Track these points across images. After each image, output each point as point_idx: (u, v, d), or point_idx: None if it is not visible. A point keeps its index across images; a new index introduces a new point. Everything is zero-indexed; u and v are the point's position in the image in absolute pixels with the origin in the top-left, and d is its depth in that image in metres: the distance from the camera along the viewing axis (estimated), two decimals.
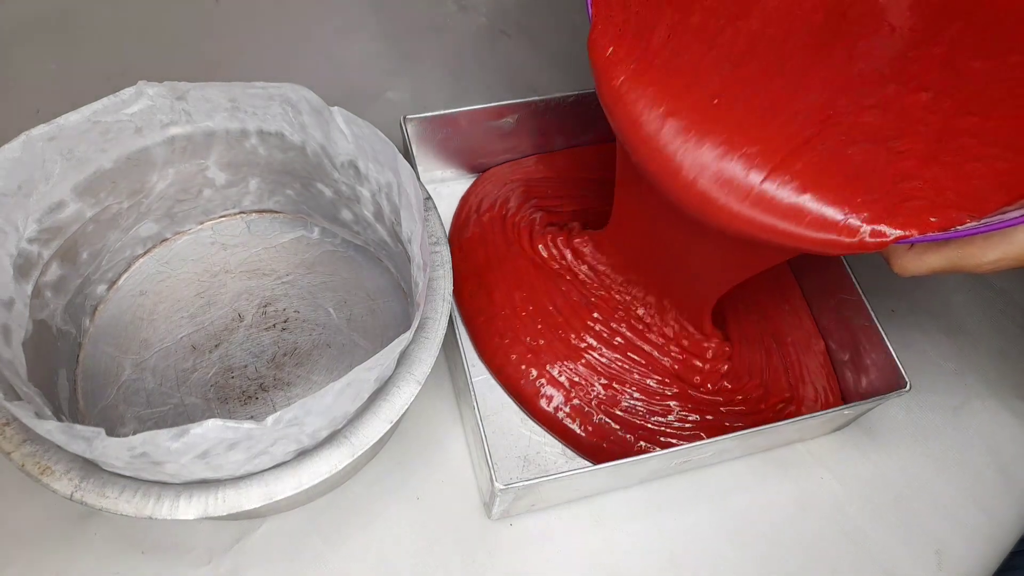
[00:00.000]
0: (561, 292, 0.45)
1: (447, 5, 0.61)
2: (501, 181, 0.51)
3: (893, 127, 0.30)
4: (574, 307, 0.45)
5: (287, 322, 0.43)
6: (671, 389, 0.43)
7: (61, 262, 0.38)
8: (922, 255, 0.31)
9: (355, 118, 0.37)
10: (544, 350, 0.43)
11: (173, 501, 0.30)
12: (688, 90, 0.31)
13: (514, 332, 0.44)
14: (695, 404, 0.43)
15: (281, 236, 0.46)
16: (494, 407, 0.44)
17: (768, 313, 0.47)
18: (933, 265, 0.30)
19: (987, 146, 0.29)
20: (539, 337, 0.44)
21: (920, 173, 0.29)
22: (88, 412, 0.40)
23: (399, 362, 0.34)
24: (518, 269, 0.46)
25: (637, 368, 0.44)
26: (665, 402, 0.43)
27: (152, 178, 0.40)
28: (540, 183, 0.51)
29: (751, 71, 0.31)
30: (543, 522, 0.41)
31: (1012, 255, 0.28)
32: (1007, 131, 0.29)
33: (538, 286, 0.45)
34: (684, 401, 0.43)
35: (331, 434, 0.32)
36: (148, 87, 0.37)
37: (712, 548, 0.41)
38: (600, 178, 0.51)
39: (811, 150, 0.30)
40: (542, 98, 0.48)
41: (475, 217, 0.49)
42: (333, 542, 0.39)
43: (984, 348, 0.49)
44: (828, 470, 0.44)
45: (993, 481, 0.44)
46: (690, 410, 0.43)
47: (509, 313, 0.44)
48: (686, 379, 0.44)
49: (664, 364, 0.44)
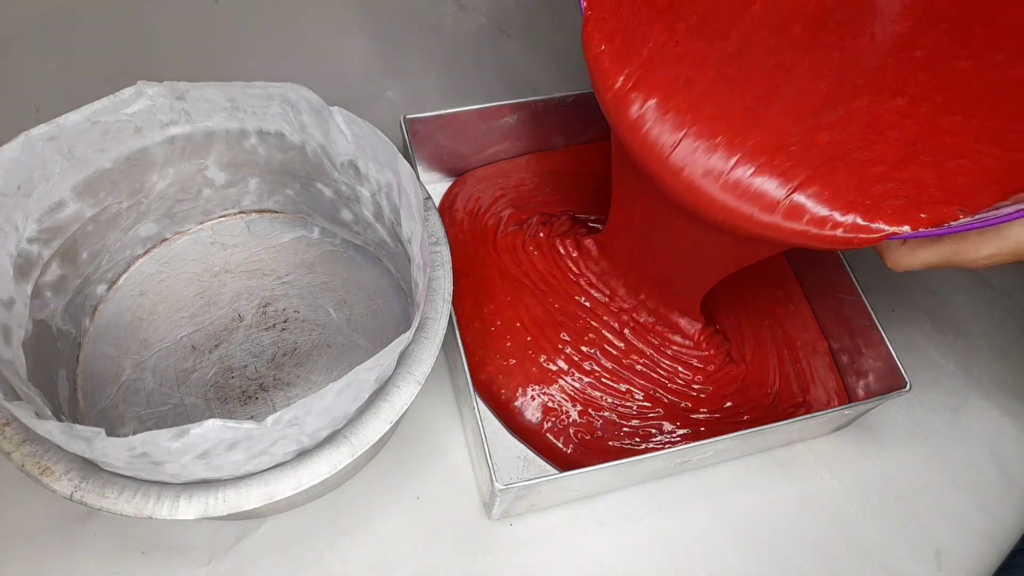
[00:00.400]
0: (530, 305, 0.45)
1: (447, 5, 0.61)
2: (476, 183, 0.51)
3: (861, 139, 0.30)
4: (542, 326, 0.45)
5: (287, 322, 0.43)
6: (655, 411, 0.43)
7: (61, 262, 0.38)
8: (915, 250, 0.31)
9: (355, 118, 0.37)
10: (515, 371, 0.43)
11: (173, 501, 0.30)
12: (680, 84, 0.32)
13: (484, 348, 0.44)
14: (687, 424, 0.43)
15: (281, 236, 0.46)
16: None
17: (778, 318, 0.47)
18: (927, 260, 0.30)
19: (971, 143, 0.29)
20: (509, 356, 0.43)
21: (894, 176, 0.29)
22: (88, 412, 0.40)
23: (399, 362, 0.34)
24: (486, 279, 0.46)
25: (618, 388, 0.44)
26: (657, 422, 0.43)
27: (152, 178, 0.40)
28: (515, 187, 0.51)
29: (739, 70, 0.32)
30: (543, 522, 0.41)
31: (1007, 250, 0.29)
32: (993, 128, 0.29)
33: (508, 298, 0.45)
34: (674, 420, 0.43)
35: (331, 434, 0.32)
36: (148, 87, 0.37)
37: (712, 548, 0.41)
38: (579, 172, 0.51)
39: (801, 150, 0.30)
40: (542, 98, 0.48)
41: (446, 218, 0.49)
42: (333, 542, 0.39)
43: (984, 348, 0.49)
44: (828, 470, 0.44)
45: (993, 481, 0.44)
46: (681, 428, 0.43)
47: (479, 327, 0.44)
48: (678, 403, 0.43)
49: (654, 385, 0.44)
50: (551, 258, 0.46)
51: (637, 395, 0.43)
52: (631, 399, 0.43)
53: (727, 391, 0.44)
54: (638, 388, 0.43)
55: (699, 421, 0.43)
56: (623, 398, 0.43)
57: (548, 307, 0.45)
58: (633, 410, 0.43)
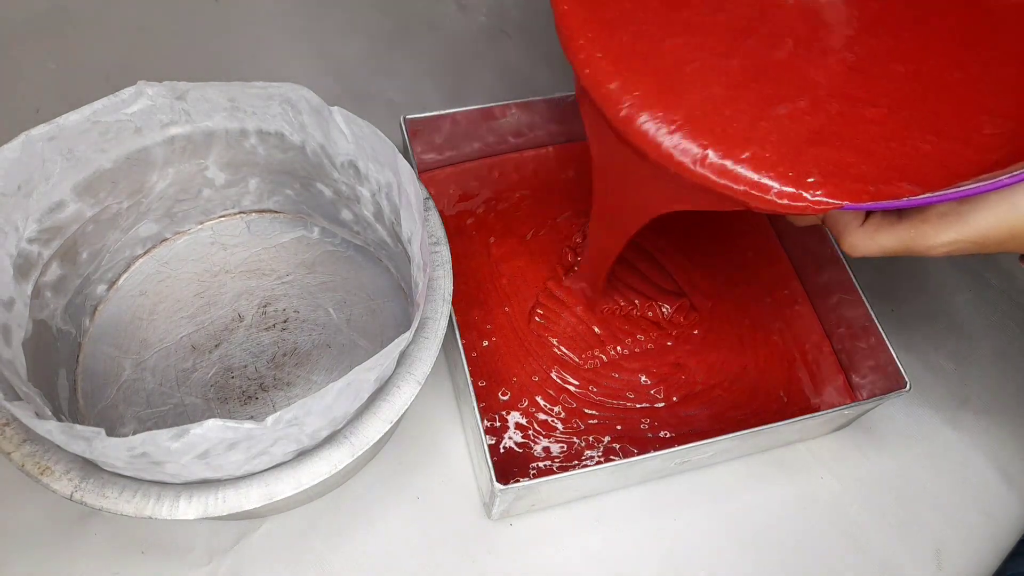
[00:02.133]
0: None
1: (447, 5, 0.61)
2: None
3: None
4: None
5: (287, 322, 0.43)
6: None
7: (61, 262, 0.38)
8: (874, 235, 0.30)
9: (355, 118, 0.37)
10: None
11: (173, 501, 0.30)
12: (649, 60, 0.32)
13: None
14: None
15: (281, 236, 0.46)
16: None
17: (787, 320, 0.47)
18: (885, 245, 0.30)
19: (902, 131, 0.30)
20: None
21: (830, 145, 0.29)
22: (88, 412, 0.40)
23: (399, 362, 0.34)
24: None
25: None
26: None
27: (152, 178, 0.40)
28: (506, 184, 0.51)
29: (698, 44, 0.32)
30: (543, 522, 0.41)
31: (967, 237, 0.28)
32: (925, 119, 0.30)
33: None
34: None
35: (331, 434, 0.32)
36: (148, 87, 0.37)
37: (712, 548, 0.41)
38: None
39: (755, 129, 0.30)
40: (542, 98, 0.48)
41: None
42: (333, 542, 0.39)
43: (984, 348, 0.49)
44: (828, 470, 0.44)
45: (993, 481, 0.44)
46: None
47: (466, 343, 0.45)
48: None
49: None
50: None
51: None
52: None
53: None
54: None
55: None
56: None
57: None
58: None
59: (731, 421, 0.43)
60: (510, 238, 0.48)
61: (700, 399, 0.44)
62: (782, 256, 0.50)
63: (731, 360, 0.45)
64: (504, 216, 0.49)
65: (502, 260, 0.47)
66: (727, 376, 0.45)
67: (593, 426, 0.42)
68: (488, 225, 0.49)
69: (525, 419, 0.42)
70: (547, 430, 0.42)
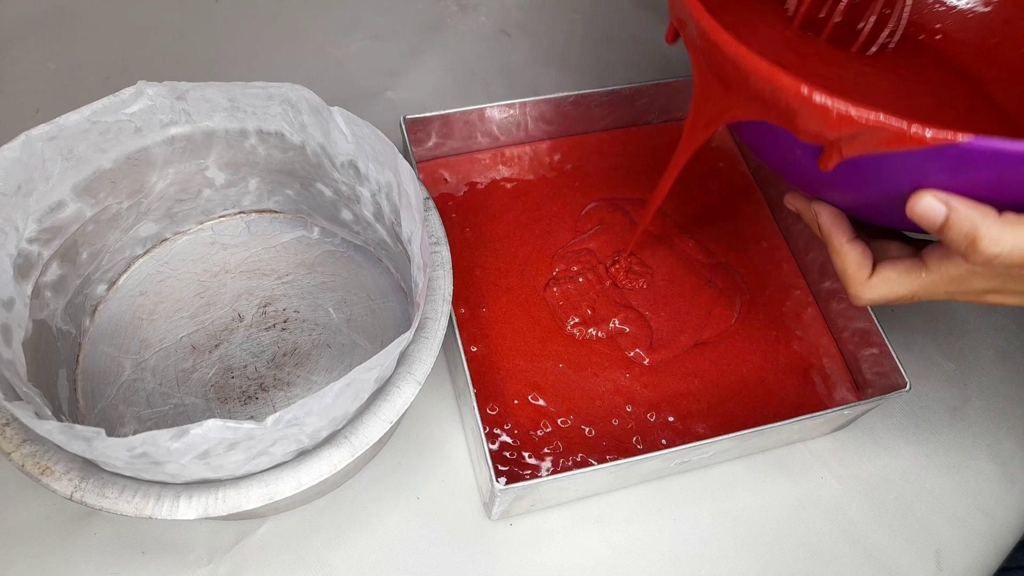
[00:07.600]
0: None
1: (447, 4, 0.61)
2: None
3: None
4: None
5: (287, 322, 0.43)
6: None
7: (61, 262, 0.38)
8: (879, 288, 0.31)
9: (355, 118, 0.37)
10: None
11: (173, 501, 0.30)
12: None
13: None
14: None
15: (281, 236, 0.46)
16: None
17: (802, 324, 0.47)
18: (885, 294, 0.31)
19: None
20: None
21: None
22: (88, 412, 0.40)
23: (399, 362, 0.34)
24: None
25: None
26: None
27: (152, 178, 0.40)
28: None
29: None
30: (543, 522, 0.41)
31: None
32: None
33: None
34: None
35: (331, 434, 0.32)
36: (148, 87, 0.37)
37: (712, 548, 0.41)
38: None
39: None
40: (542, 98, 0.48)
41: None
42: (333, 542, 0.39)
43: (984, 348, 0.49)
44: (828, 470, 0.44)
45: (993, 481, 0.44)
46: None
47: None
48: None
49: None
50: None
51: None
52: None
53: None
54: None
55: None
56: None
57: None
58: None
59: (733, 421, 0.43)
60: (511, 237, 0.48)
61: (710, 412, 0.44)
62: (789, 257, 0.50)
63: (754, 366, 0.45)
64: (504, 216, 0.49)
65: (502, 259, 0.47)
66: (748, 382, 0.45)
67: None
68: (488, 224, 0.49)
69: (525, 419, 0.42)
70: (547, 430, 0.42)
